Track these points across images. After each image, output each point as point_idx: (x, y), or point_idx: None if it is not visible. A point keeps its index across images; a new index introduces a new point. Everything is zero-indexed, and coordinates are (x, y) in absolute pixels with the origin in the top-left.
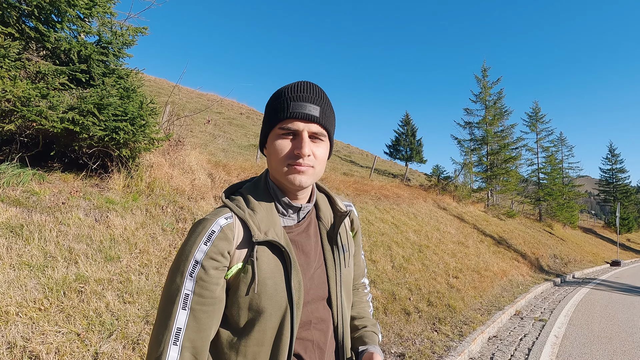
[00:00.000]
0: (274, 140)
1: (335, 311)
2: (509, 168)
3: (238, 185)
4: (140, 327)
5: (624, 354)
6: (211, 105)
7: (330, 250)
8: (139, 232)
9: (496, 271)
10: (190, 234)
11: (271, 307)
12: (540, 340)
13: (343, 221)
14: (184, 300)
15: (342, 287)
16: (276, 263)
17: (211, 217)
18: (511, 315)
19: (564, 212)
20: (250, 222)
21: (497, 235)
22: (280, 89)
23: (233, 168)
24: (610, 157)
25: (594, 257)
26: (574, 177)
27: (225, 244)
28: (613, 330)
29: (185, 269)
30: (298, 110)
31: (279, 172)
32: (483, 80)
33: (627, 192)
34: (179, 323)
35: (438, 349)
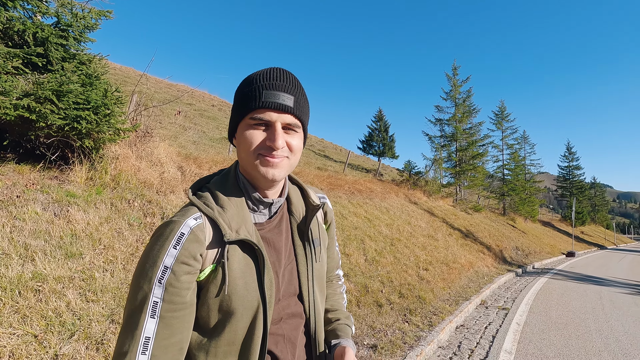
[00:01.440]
0: (245, 131)
1: (307, 306)
2: (476, 164)
3: (205, 180)
4: (105, 326)
5: (578, 338)
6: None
7: (301, 246)
8: (104, 227)
9: (463, 263)
10: (157, 237)
11: (242, 307)
12: (504, 328)
13: (315, 214)
14: (153, 308)
15: (314, 282)
16: (247, 262)
17: (179, 218)
18: (477, 305)
19: (526, 207)
20: (220, 221)
21: (465, 228)
22: (251, 75)
23: (204, 161)
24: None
25: (552, 248)
26: (535, 173)
27: (196, 247)
28: (568, 317)
29: (154, 275)
30: (271, 100)
31: (250, 165)
32: (453, 78)
33: (582, 188)
34: (147, 332)
35: (409, 339)
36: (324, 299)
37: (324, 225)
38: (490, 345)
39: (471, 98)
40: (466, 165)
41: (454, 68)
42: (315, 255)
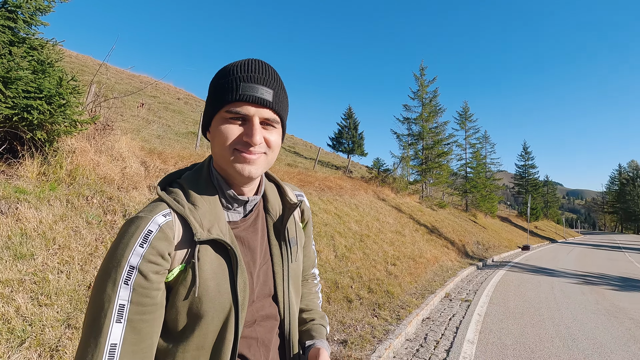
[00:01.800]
0: (220, 125)
1: (282, 307)
2: (441, 162)
3: (176, 175)
4: (60, 331)
5: (533, 326)
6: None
7: (277, 245)
8: (58, 225)
9: (429, 258)
10: (122, 235)
11: (213, 310)
12: (466, 319)
13: (293, 213)
14: (119, 312)
15: (290, 283)
16: (220, 262)
17: (146, 214)
18: (442, 298)
19: (486, 203)
20: (191, 219)
21: (430, 224)
22: (228, 65)
23: (170, 156)
24: (524, 155)
25: (509, 242)
26: (494, 171)
27: (165, 245)
28: (524, 307)
29: (118, 276)
30: (249, 93)
31: (225, 160)
32: (421, 78)
33: (536, 186)
34: (113, 339)
35: (378, 333)
36: (299, 300)
37: (300, 224)
38: (454, 336)
39: (437, 98)
40: (432, 164)
41: (422, 68)
42: (292, 255)
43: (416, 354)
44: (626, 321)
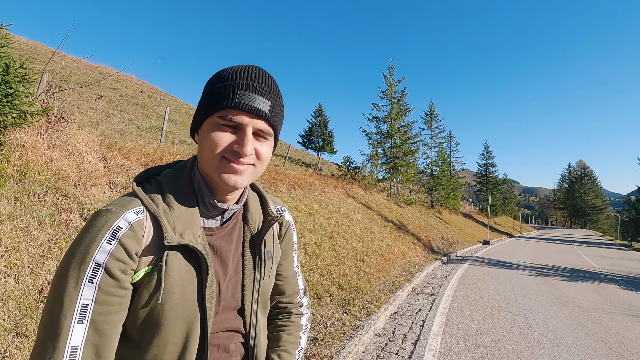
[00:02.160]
0: (211, 130)
1: (248, 322)
2: (409, 160)
3: (155, 170)
4: (8, 340)
5: (493, 317)
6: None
7: (250, 258)
8: (5, 225)
9: (397, 253)
10: (88, 228)
11: (175, 318)
12: (432, 312)
13: (272, 227)
14: (81, 312)
15: (259, 298)
16: (188, 269)
17: (117, 208)
18: (409, 292)
19: (450, 200)
20: (163, 221)
21: (398, 221)
22: (226, 70)
23: (132, 152)
24: (485, 154)
25: (471, 237)
26: (458, 170)
27: (133, 244)
28: (485, 299)
29: (82, 273)
30: (245, 102)
31: (212, 167)
32: (389, 78)
33: (496, 183)
34: (74, 341)
35: (347, 329)
36: (266, 314)
37: (277, 240)
38: (420, 329)
39: (405, 98)
40: (400, 162)
41: (390, 68)
42: (264, 271)
43: (385, 348)
44: (574, 309)
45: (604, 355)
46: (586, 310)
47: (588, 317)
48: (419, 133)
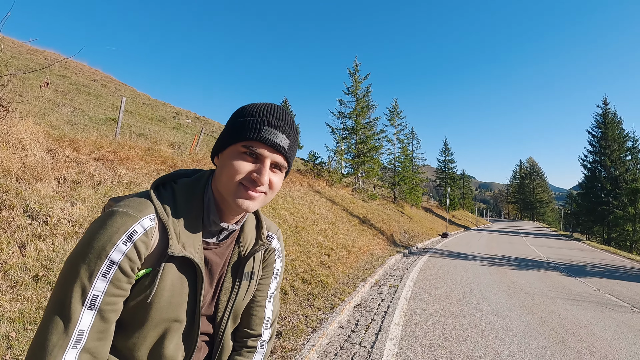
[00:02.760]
0: (234, 158)
1: (217, 329)
2: (373, 156)
3: (172, 176)
4: None
5: (450, 305)
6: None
7: (231, 277)
8: None
9: (361, 247)
10: (106, 226)
11: (158, 318)
12: (394, 303)
13: (258, 252)
14: (92, 301)
15: (231, 312)
16: (181, 277)
17: (135, 212)
18: (372, 285)
19: (412, 195)
20: (171, 232)
21: (362, 215)
22: (254, 105)
23: (84, 144)
24: (445, 150)
25: (431, 231)
26: (420, 165)
27: (144, 248)
28: (443, 288)
29: (97, 268)
30: (269, 137)
31: (228, 190)
32: (355, 74)
33: (454, 179)
34: (82, 325)
35: (312, 323)
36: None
37: (260, 263)
38: (382, 320)
39: (370, 94)
40: (364, 157)
41: (356, 65)
42: (240, 290)
43: (348, 339)
44: (522, 296)
45: (546, 336)
46: (532, 296)
47: (533, 302)
48: (382, 130)
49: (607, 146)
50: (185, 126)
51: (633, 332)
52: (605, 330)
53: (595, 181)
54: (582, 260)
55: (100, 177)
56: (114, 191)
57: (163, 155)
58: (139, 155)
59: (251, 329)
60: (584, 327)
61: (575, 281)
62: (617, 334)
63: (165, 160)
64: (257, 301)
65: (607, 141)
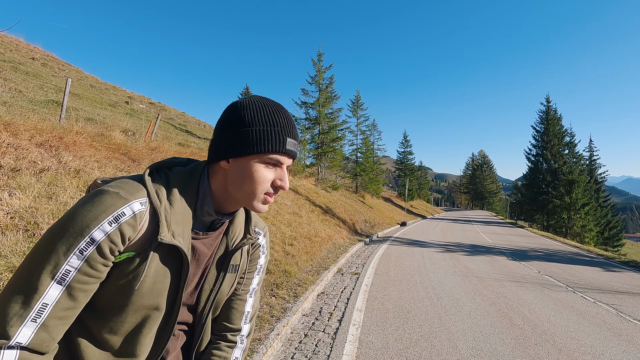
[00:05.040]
0: (259, 168)
1: (197, 319)
2: (336, 147)
3: (167, 163)
4: None
5: (409, 291)
6: None
7: (215, 268)
8: None
9: (324, 236)
10: (93, 203)
11: (138, 304)
12: (356, 290)
13: (247, 245)
14: (63, 275)
15: (213, 303)
16: (165, 265)
17: (125, 194)
18: (335, 273)
19: (373, 185)
20: (162, 218)
21: (325, 205)
22: (273, 114)
23: (23, 129)
24: (404, 142)
25: (391, 220)
26: (380, 156)
27: (130, 231)
28: (402, 275)
29: (75, 244)
30: (291, 149)
31: (250, 197)
32: (318, 64)
33: (413, 170)
34: (46, 299)
35: (276, 312)
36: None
37: (246, 257)
38: (345, 307)
39: (333, 85)
40: (327, 148)
41: (319, 54)
42: (224, 282)
43: (312, 327)
44: (473, 279)
45: (495, 316)
46: (482, 279)
47: (483, 285)
48: (345, 120)
49: (548, 141)
50: (140, 112)
51: (567, 309)
52: (545, 308)
53: (538, 173)
54: (525, 246)
55: (43, 164)
56: (59, 180)
57: (115, 142)
58: (87, 142)
59: (230, 323)
60: (526, 306)
61: (520, 265)
62: (554, 311)
63: (117, 147)
64: (238, 295)
65: (548, 136)
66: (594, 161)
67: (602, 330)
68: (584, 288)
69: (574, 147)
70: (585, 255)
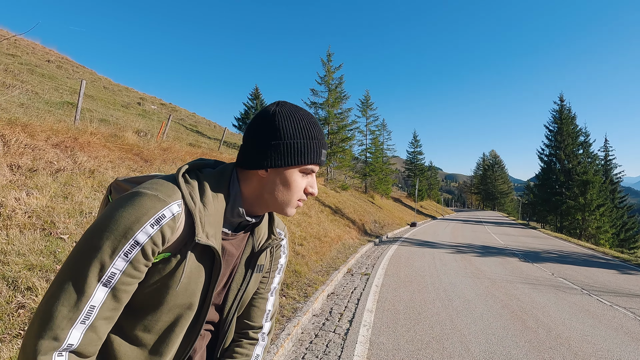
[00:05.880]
0: (296, 177)
1: (224, 318)
2: (345, 147)
3: (199, 165)
4: None
5: (419, 292)
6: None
7: (243, 268)
8: None
9: (333, 237)
10: (135, 206)
11: (172, 303)
12: (366, 291)
13: (272, 246)
14: (109, 278)
15: (240, 302)
16: (199, 265)
17: (164, 196)
18: (344, 273)
19: (382, 186)
20: (197, 219)
21: (334, 205)
22: (310, 127)
23: (40, 130)
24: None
25: (401, 220)
26: (390, 156)
27: (169, 233)
28: (412, 275)
29: (121, 246)
30: (324, 159)
31: (284, 204)
32: (328, 64)
33: (423, 170)
34: (94, 301)
35: (287, 312)
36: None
37: (270, 257)
38: (356, 307)
39: (342, 85)
40: (336, 148)
41: (329, 54)
42: (251, 281)
43: (322, 327)
44: (485, 281)
45: (507, 318)
46: (494, 281)
47: (495, 287)
48: (354, 121)
49: (562, 140)
50: (151, 113)
51: (583, 312)
52: (559, 311)
53: (551, 173)
54: (538, 247)
55: (59, 164)
56: (74, 180)
57: (128, 142)
58: (101, 142)
59: (252, 321)
60: (540, 308)
61: (532, 266)
62: (569, 314)
63: (130, 147)
64: (260, 294)
65: (562, 136)
66: (609, 161)
67: (619, 334)
68: (599, 291)
69: (589, 147)
70: (601, 258)
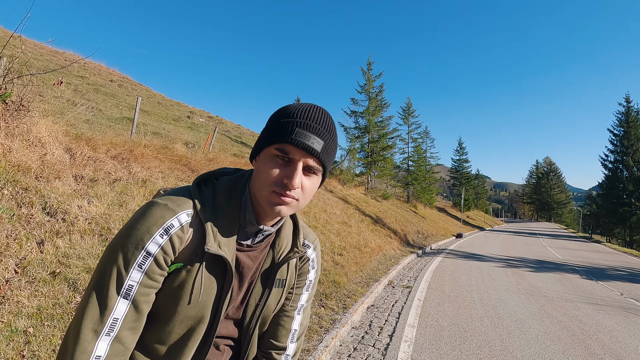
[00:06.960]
0: (267, 160)
1: (244, 334)
2: (386, 155)
3: (215, 173)
4: None
5: (465, 307)
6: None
7: (264, 282)
8: None
9: (374, 247)
10: (145, 217)
11: (184, 315)
12: (408, 304)
13: (295, 258)
14: (127, 290)
15: (259, 318)
16: (211, 276)
17: (173, 206)
18: (385, 285)
19: (426, 195)
20: (209, 229)
21: (375, 215)
22: (291, 107)
23: (101, 143)
24: (459, 150)
25: (445, 231)
26: (433, 165)
27: (179, 242)
28: (458, 290)
29: (134, 259)
30: (301, 139)
31: (261, 194)
32: (368, 72)
33: (469, 178)
34: (117, 314)
35: (325, 323)
36: (264, 328)
37: (294, 272)
38: (396, 322)
39: (383, 93)
40: (377, 156)
41: (369, 63)
42: (271, 297)
43: (362, 340)
44: (540, 299)
45: (567, 342)
46: (551, 299)
47: (553, 306)
48: (396, 128)
49: (629, 145)
50: (199, 125)
51: None
52: (631, 336)
53: (617, 181)
54: (603, 263)
55: (116, 175)
56: (129, 189)
57: (177, 153)
58: (153, 154)
59: (276, 340)
60: (607, 332)
61: (597, 285)
62: None
63: (179, 158)
64: (285, 311)
65: (629, 140)
66: None
67: None
68: None
69: None
70: None
